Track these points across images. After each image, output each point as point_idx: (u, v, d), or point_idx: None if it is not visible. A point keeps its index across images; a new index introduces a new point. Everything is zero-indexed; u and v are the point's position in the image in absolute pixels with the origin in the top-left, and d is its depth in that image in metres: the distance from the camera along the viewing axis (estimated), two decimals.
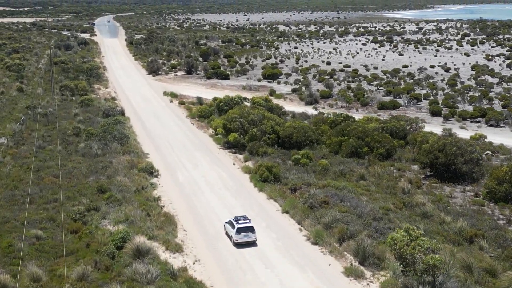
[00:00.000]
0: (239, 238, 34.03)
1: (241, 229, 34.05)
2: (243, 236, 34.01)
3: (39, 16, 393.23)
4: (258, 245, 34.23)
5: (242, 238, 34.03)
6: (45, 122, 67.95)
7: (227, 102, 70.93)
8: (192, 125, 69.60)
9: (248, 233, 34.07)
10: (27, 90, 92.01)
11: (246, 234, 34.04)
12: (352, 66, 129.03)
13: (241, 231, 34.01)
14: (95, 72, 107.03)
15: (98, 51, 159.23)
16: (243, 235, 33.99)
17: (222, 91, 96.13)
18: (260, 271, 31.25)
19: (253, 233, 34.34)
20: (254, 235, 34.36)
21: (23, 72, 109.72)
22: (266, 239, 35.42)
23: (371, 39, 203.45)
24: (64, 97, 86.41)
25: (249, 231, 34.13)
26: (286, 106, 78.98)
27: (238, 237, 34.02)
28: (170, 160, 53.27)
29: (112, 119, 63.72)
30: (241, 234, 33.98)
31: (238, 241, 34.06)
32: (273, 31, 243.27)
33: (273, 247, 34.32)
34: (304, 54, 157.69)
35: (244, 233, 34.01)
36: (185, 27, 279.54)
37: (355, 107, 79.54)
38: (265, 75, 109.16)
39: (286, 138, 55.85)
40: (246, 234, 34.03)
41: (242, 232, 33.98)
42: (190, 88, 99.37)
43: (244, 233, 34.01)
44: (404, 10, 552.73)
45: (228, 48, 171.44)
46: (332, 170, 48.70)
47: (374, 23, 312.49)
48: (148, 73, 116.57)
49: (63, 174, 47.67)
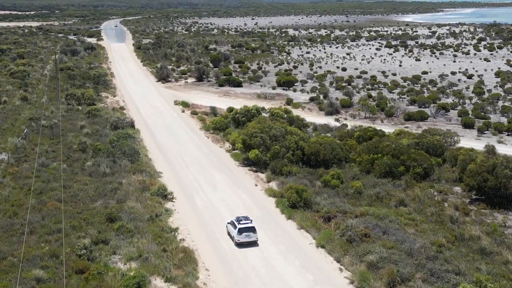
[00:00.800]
0: (240, 238, 34.96)
1: (242, 229, 34.93)
2: (245, 236, 34.96)
3: (46, 20, 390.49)
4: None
5: (244, 238, 34.98)
6: (50, 135, 63.31)
7: (244, 113, 66.09)
8: (207, 138, 64.73)
9: (249, 233, 35.01)
10: (31, 99, 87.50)
11: (248, 234, 34.97)
12: (369, 73, 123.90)
13: (243, 231, 34.91)
14: (103, 79, 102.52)
15: (105, 57, 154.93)
16: (244, 235, 34.91)
17: (236, 100, 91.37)
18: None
19: (255, 233, 35.23)
20: (255, 235, 35.25)
21: (28, 79, 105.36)
22: (303, 282, 30.43)
23: (384, 44, 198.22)
24: (70, 107, 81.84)
25: (250, 231, 35.03)
26: (305, 116, 74.02)
27: (239, 237, 34.95)
28: (186, 181, 48.38)
29: (121, 133, 58.98)
30: (242, 234, 34.91)
31: (240, 241, 34.99)
32: (283, 36, 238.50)
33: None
34: (317, 60, 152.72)
35: (245, 233, 34.93)
36: (193, 31, 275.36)
37: (379, 118, 74.44)
38: (279, 82, 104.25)
39: (312, 155, 50.86)
40: (247, 234, 34.95)
41: (244, 232, 34.90)
42: (202, 97, 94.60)
43: (245, 233, 34.93)
44: (413, 13, 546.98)
45: (238, 53, 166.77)
46: (366, 193, 43.69)
47: (385, 27, 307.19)
48: (158, 80, 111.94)
49: (67, 197, 42.93)
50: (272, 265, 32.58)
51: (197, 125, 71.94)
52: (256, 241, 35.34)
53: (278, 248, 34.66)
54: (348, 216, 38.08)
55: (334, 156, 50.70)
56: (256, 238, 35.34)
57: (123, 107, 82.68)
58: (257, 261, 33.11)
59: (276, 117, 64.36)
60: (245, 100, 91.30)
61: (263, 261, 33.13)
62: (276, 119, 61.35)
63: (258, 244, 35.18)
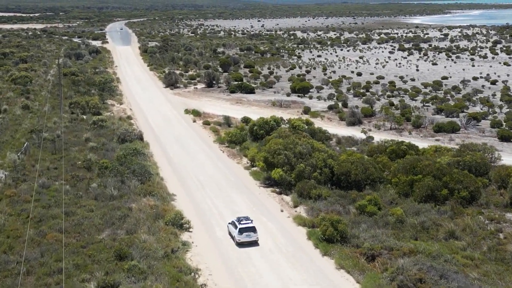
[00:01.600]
0: (241, 238, 35.38)
1: (243, 229, 35.37)
2: (245, 236, 35.39)
3: (50, 22, 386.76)
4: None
5: (244, 238, 35.44)
6: (52, 149, 58.29)
7: (262, 125, 60.91)
8: (222, 152, 59.55)
9: (250, 233, 35.41)
10: (33, 107, 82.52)
11: (248, 234, 35.39)
12: (386, 78, 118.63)
13: (243, 231, 35.34)
14: (108, 85, 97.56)
15: (111, 60, 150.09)
16: (245, 235, 35.35)
17: (249, 108, 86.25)
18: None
19: (255, 233, 35.68)
20: (256, 235, 35.71)
21: (30, 86, 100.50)
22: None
23: (397, 47, 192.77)
24: (74, 116, 76.86)
25: (251, 231, 35.44)
26: (325, 126, 68.83)
27: (240, 237, 35.38)
28: (203, 205, 43.20)
29: (130, 148, 53.90)
30: (243, 234, 35.34)
31: (241, 240, 35.44)
32: (292, 38, 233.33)
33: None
34: (329, 64, 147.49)
35: (246, 233, 35.36)
36: (200, 34, 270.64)
37: (406, 130, 69.12)
38: (294, 88, 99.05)
39: (343, 175, 45.63)
40: (248, 234, 35.38)
41: (244, 232, 35.31)
42: (213, 104, 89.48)
43: (246, 233, 35.36)
44: (421, 15, 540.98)
45: (248, 57, 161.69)
46: (409, 222, 38.42)
47: (395, 29, 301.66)
48: (166, 86, 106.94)
49: (70, 226, 37.87)
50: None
51: (210, 137, 66.79)
52: (257, 240, 35.73)
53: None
54: (395, 254, 32.83)
55: (367, 176, 45.45)
56: (257, 238, 35.77)
57: (130, 116, 77.68)
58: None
59: (298, 130, 59.24)
60: (259, 108, 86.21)
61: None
62: (297, 132, 56.23)
63: (258, 244, 35.54)
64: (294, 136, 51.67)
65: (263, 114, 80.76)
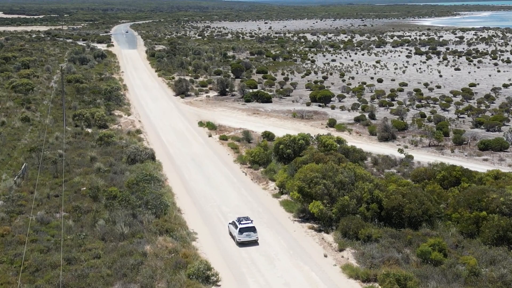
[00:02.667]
0: (241, 237, 35.87)
1: (243, 229, 35.87)
2: (245, 235, 35.88)
3: (54, 24, 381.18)
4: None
5: (245, 238, 35.93)
6: (53, 172, 51.65)
7: (289, 144, 54.04)
8: (245, 175, 52.69)
9: (250, 233, 35.95)
10: (34, 119, 75.99)
11: (248, 233, 35.91)
12: (410, 84, 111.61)
13: (244, 231, 35.83)
14: (115, 94, 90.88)
15: (117, 65, 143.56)
16: (245, 234, 35.84)
17: (268, 120, 79.42)
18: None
19: (255, 232, 36.23)
20: (255, 234, 36.22)
21: (31, 94, 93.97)
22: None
23: (413, 50, 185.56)
24: (78, 129, 70.27)
25: (251, 231, 35.94)
26: (354, 142, 62.07)
27: (240, 237, 35.86)
28: (231, 250, 36.24)
29: (142, 173, 47.06)
30: (243, 234, 35.82)
31: (241, 240, 35.94)
32: (303, 41, 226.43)
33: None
34: (346, 69, 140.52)
35: (246, 233, 35.86)
36: (207, 36, 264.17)
37: (447, 147, 62.08)
38: (314, 97, 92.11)
39: (394, 210, 38.72)
40: (248, 234, 35.89)
41: (244, 232, 35.80)
42: (228, 115, 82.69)
43: (246, 232, 35.87)
44: (430, 17, 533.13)
45: (259, 62, 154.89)
46: (485, 275, 31.48)
47: (407, 32, 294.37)
48: (176, 94, 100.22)
49: (72, 278, 31.17)
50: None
51: (229, 155, 59.94)
52: (257, 240, 36.37)
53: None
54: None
55: (424, 211, 38.49)
56: (256, 238, 36.36)
57: (139, 130, 70.95)
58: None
59: (330, 150, 52.42)
60: (278, 119, 79.39)
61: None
62: (330, 153, 49.41)
63: (258, 243, 36.13)
64: (332, 160, 44.81)
65: (284, 126, 74.14)
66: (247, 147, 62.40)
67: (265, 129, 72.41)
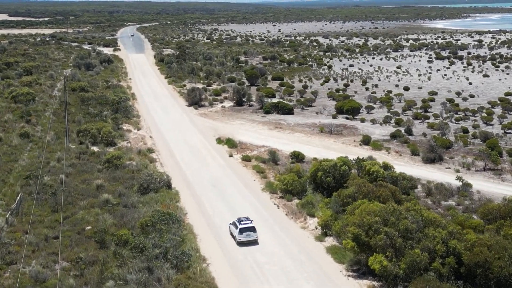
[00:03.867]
0: (241, 237, 36.66)
1: (243, 229, 36.71)
2: (245, 235, 36.67)
3: (60, 26, 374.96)
4: None
5: (245, 238, 36.70)
6: (52, 204, 44.08)
7: (329, 171, 46.21)
8: (277, 208, 44.90)
9: (250, 233, 36.74)
10: (34, 135, 68.55)
11: (248, 233, 36.72)
12: (439, 93, 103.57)
13: (244, 231, 36.65)
14: (123, 105, 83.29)
15: (124, 72, 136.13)
16: (245, 234, 36.62)
17: (293, 135, 71.59)
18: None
19: (255, 232, 37.01)
20: (255, 234, 36.99)
21: (32, 105, 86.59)
22: None
23: (433, 55, 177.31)
24: (83, 148, 62.76)
25: (250, 231, 36.78)
26: (395, 164, 54.22)
27: (241, 237, 36.66)
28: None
29: (158, 213, 39.31)
30: (243, 234, 36.61)
31: (241, 240, 36.72)
32: (316, 45, 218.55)
33: None
34: (366, 75, 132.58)
35: (246, 233, 36.67)
36: (216, 40, 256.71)
37: (506, 171, 54.03)
38: (340, 108, 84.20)
39: (478, 267, 30.83)
40: (248, 234, 36.70)
41: (245, 232, 36.60)
42: (248, 129, 74.93)
43: (246, 232, 36.67)
44: (440, 19, 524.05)
45: (273, 67, 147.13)
46: None
47: (421, 35, 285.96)
48: (189, 104, 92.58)
49: None
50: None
51: (255, 180, 52.15)
52: (256, 240, 36.79)
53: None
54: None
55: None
56: (256, 237, 36.87)
57: (151, 149, 63.25)
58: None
59: (376, 178, 44.62)
60: (304, 135, 71.54)
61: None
62: (380, 184, 41.61)
63: (258, 243, 36.50)
64: (385, 195, 36.98)
65: (311, 143, 66.44)
66: (275, 170, 54.68)
67: (291, 146, 64.82)
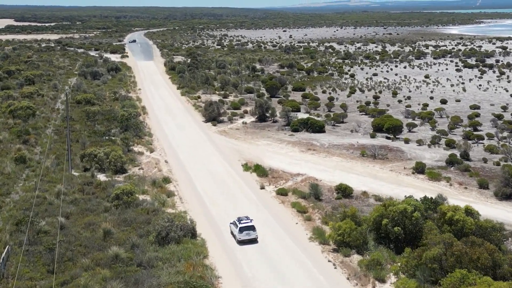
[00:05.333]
0: (241, 236, 37.79)
1: (243, 228, 37.84)
2: (245, 234, 37.79)
3: (66, 32, 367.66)
4: None
5: (244, 236, 37.79)
6: (48, 261, 34.60)
7: (398, 219, 36.40)
8: (334, 267, 35.14)
9: (249, 232, 37.91)
10: (32, 158, 59.24)
11: (248, 232, 37.86)
12: (482, 107, 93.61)
13: (243, 229, 37.81)
14: (134, 122, 73.90)
15: (133, 81, 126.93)
16: (245, 233, 37.76)
17: (330, 159, 61.83)
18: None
19: (254, 231, 38.06)
20: (255, 233, 38.11)
21: (32, 120, 77.46)
22: None
23: (459, 63, 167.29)
24: (88, 176, 53.38)
25: (250, 230, 37.98)
26: (462, 200, 44.67)
27: (240, 235, 37.78)
28: None
29: (187, 286, 29.65)
30: (243, 233, 37.73)
31: (241, 239, 37.81)
32: (332, 52, 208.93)
33: None
34: (393, 85, 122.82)
35: (246, 232, 37.80)
36: (226, 46, 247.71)
37: None
38: (378, 126, 74.48)
39: None
40: (248, 233, 37.85)
41: (244, 231, 37.79)
42: (277, 152, 65.24)
43: (246, 231, 37.80)
44: (453, 25, 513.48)
45: (292, 76, 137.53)
46: None
47: (439, 41, 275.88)
48: (206, 119, 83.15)
49: None
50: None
51: (298, 224, 42.44)
52: (256, 238, 38.01)
53: None
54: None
55: None
56: (256, 236, 38.08)
57: (168, 178, 53.66)
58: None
59: (462, 230, 34.81)
60: (343, 159, 61.79)
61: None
62: (473, 241, 31.83)
63: (257, 241, 37.73)
64: (483, 258, 27.20)
65: (355, 171, 56.80)
66: (319, 209, 45.01)
67: (331, 174, 55.40)
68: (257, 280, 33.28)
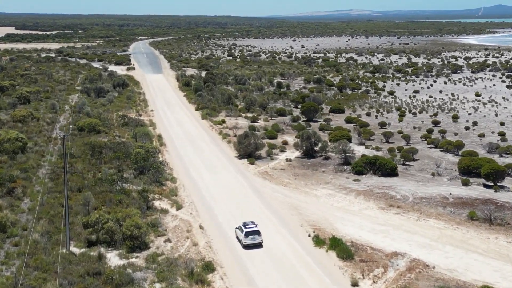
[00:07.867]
0: (247, 240, 38.15)
1: (248, 233, 38.25)
2: (251, 239, 38.24)
3: (68, 41, 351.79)
4: None
5: (250, 241, 38.21)
6: None
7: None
8: None
9: (255, 236, 38.36)
10: (16, 224, 42.34)
11: (253, 237, 38.32)
12: None
13: (249, 234, 38.21)
14: (153, 162, 56.88)
15: (143, 99, 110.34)
16: (250, 238, 38.21)
17: (426, 223, 44.95)
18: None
19: (259, 236, 38.57)
20: (260, 237, 38.62)
21: (22, 157, 60.73)
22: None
23: (504, 78, 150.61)
24: (92, 258, 36.54)
25: (255, 234, 38.37)
26: None
27: (246, 240, 38.16)
28: None
29: None
30: (248, 237, 38.20)
31: (247, 243, 38.21)
32: (357, 64, 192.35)
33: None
34: (446, 106, 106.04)
35: (251, 236, 38.25)
36: (238, 56, 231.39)
37: None
38: (466, 168, 57.52)
39: None
40: (253, 237, 38.31)
41: (250, 235, 38.18)
42: (347, 209, 48.19)
43: (251, 236, 38.25)
44: (467, 35, 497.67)
45: (323, 93, 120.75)
46: None
47: (463, 52, 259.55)
48: (239, 154, 66.31)
49: None
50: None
51: None
52: (261, 243, 38.43)
53: None
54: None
55: None
56: (261, 240, 38.36)
57: (210, 264, 36.56)
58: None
59: None
60: (445, 224, 44.85)
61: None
62: None
63: (262, 246, 38.00)
64: None
65: (472, 247, 39.99)
66: None
67: (441, 253, 38.81)
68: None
